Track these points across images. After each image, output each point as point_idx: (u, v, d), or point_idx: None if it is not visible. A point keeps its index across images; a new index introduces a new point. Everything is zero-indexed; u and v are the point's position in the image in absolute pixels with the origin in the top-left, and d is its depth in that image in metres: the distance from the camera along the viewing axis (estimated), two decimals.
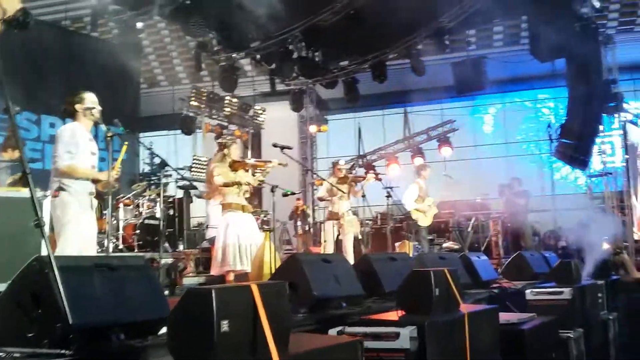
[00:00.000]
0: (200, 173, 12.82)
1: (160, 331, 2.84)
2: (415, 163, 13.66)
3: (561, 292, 5.12)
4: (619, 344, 5.88)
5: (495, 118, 18.24)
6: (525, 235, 11.35)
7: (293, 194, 7.56)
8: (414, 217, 9.55)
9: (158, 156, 5.54)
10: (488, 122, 18.26)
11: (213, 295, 2.12)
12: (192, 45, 13.92)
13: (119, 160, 5.10)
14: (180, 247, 10.31)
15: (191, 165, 13.05)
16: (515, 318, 4.21)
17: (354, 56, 13.82)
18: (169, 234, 10.13)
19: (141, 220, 9.23)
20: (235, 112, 14.69)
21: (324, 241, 8.43)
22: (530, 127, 17.72)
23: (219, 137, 12.91)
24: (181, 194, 11.92)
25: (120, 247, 8.91)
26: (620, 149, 11.47)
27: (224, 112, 14.47)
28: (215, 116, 14.48)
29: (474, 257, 6.16)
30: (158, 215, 9.45)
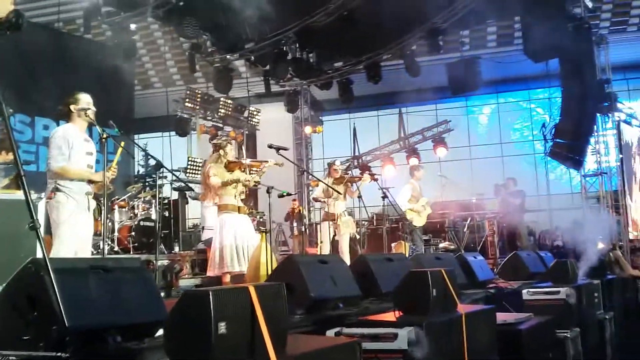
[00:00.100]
0: (195, 174, 12.79)
1: (157, 333, 2.82)
2: (410, 163, 13.68)
3: (557, 292, 5.12)
4: (615, 344, 5.89)
5: (489, 118, 18.29)
6: (521, 235, 11.38)
7: (289, 195, 7.55)
8: (408, 218, 9.57)
9: (153, 158, 5.50)
10: (483, 122, 18.31)
11: (210, 297, 2.11)
12: (186, 46, 13.89)
13: (114, 161, 5.07)
14: (176, 249, 10.28)
15: (186, 167, 13.02)
16: (512, 318, 4.21)
17: (348, 57, 13.82)
18: (165, 235, 10.10)
19: (136, 222, 9.21)
20: (229, 113, 14.67)
21: (320, 242, 8.42)
22: (524, 127, 17.80)
23: (214, 139, 12.89)
24: (176, 195, 11.89)
25: (116, 249, 8.88)
26: (614, 148, 11.50)
27: (218, 114, 14.44)
28: (209, 117, 14.45)
29: (470, 257, 6.16)
30: (153, 217, 9.43)
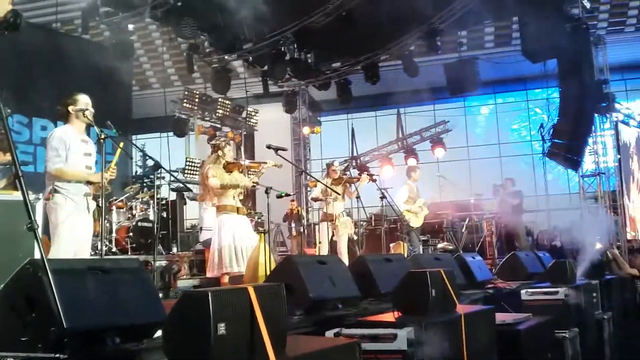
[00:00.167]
0: (193, 175, 12.77)
1: (156, 334, 2.81)
2: (408, 164, 13.69)
3: (556, 292, 5.12)
4: (613, 344, 5.89)
5: (487, 119, 18.31)
6: (519, 235, 11.38)
7: (288, 196, 7.53)
8: (405, 218, 9.57)
9: (152, 158, 5.49)
10: (481, 122, 18.33)
11: (209, 298, 2.10)
12: (184, 47, 13.89)
13: (113, 162, 5.06)
14: (174, 250, 10.26)
15: (184, 167, 13.00)
16: (511, 318, 4.21)
17: (347, 57, 13.82)
18: (163, 236, 10.08)
19: (134, 223, 9.19)
20: (227, 114, 14.65)
21: (319, 242, 8.41)
22: (522, 127, 17.82)
23: (212, 139, 12.88)
24: (174, 196, 11.88)
25: (114, 249, 8.86)
26: (612, 148, 11.52)
27: (216, 114, 14.43)
28: (207, 118, 14.43)
29: (469, 258, 6.16)
30: (151, 217, 9.41)
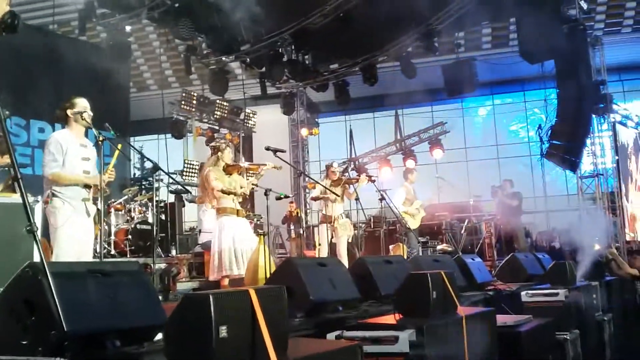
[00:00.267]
0: (191, 177, 12.76)
1: (156, 337, 2.80)
2: (407, 165, 13.69)
3: (556, 294, 5.11)
4: (614, 345, 5.89)
5: (485, 120, 18.33)
6: (518, 236, 11.37)
7: (287, 197, 7.51)
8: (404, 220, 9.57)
9: (150, 160, 5.47)
10: (478, 124, 18.35)
11: (211, 300, 2.09)
12: (182, 48, 13.88)
13: (111, 163, 5.05)
14: (173, 252, 10.24)
15: (182, 169, 12.98)
16: (511, 320, 4.20)
17: (344, 59, 13.83)
18: (161, 239, 10.05)
19: (133, 225, 9.16)
20: (225, 115, 14.65)
21: (319, 244, 8.39)
22: (520, 128, 17.84)
23: (211, 141, 12.87)
24: (173, 198, 11.86)
25: (112, 252, 8.83)
26: (610, 149, 11.53)
27: (214, 116, 14.43)
28: (205, 120, 14.43)
29: (469, 259, 6.15)
30: (150, 220, 9.38)
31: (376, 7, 10.67)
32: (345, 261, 7.79)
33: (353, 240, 8.82)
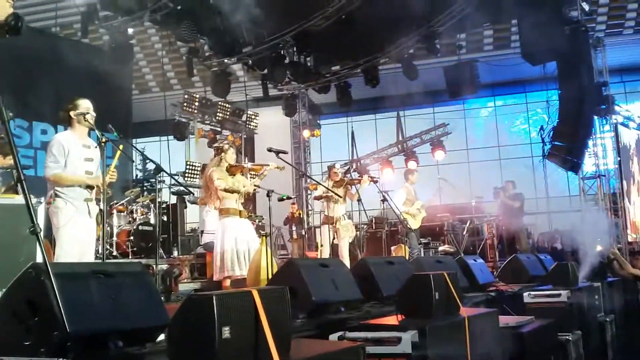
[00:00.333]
0: (193, 178, 12.76)
1: (159, 338, 2.80)
2: (408, 167, 13.68)
3: (559, 295, 5.11)
4: (616, 346, 5.87)
5: (487, 121, 18.31)
6: (520, 237, 11.36)
7: (289, 199, 7.52)
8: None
9: (153, 162, 5.48)
10: (480, 125, 18.34)
11: (214, 301, 2.09)
12: (184, 51, 13.90)
13: (112, 164, 5.05)
14: (175, 253, 10.25)
15: (185, 171, 13.00)
16: (514, 321, 4.20)
17: (346, 61, 13.83)
18: (163, 240, 10.07)
19: (135, 227, 9.17)
20: (227, 117, 14.66)
21: (321, 246, 8.38)
22: (522, 130, 17.83)
23: (212, 143, 12.88)
24: (175, 199, 11.87)
25: (114, 253, 8.84)
26: (612, 151, 11.52)
27: (216, 118, 14.44)
28: (207, 122, 14.44)
29: (471, 260, 6.14)
30: (152, 221, 9.39)
31: (378, 9, 10.68)
32: (347, 262, 7.78)
33: (355, 241, 8.81)
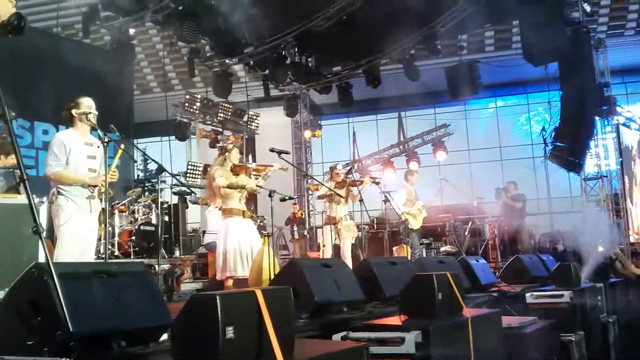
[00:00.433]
0: (195, 179, 12.76)
1: (162, 338, 2.80)
2: (410, 167, 13.67)
3: (561, 295, 5.10)
4: (619, 347, 5.87)
5: (489, 122, 18.31)
6: (522, 238, 11.35)
7: (291, 199, 7.51)
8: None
9: (155, 162, 5.47)
10: (482, 126, 18.33)
11: (218, 301, 2.08)
12: (185, 51, 13.91)
13: (114, 164, 5.04)
14: (177, 253, 10.24)
15: (186, 171, 13.00)
16: (516, 322, 4.20)
17: (347, 61, 13.83)
18: (165, 240, 10.06)
19: (137, 227, 9.16)
20: (229, 117, 14.66)
21: (323, 246, 8.37)
22: (524, 130, 17.82)
23: (214, 143, 12.88)
24: (176, 199, 11.86)
25: (116, 253, 8.84)
26: (614, 151, 11.51)
27: (218, 118, 14.43)
28: (209, 122, 14.44)
29: (473, 261, 6.13)
30: (154, 221, 9.39)
31: (379, 9, 10.68)
32: (349, 263, 7.77)
33: (356, 241, 8.80)
